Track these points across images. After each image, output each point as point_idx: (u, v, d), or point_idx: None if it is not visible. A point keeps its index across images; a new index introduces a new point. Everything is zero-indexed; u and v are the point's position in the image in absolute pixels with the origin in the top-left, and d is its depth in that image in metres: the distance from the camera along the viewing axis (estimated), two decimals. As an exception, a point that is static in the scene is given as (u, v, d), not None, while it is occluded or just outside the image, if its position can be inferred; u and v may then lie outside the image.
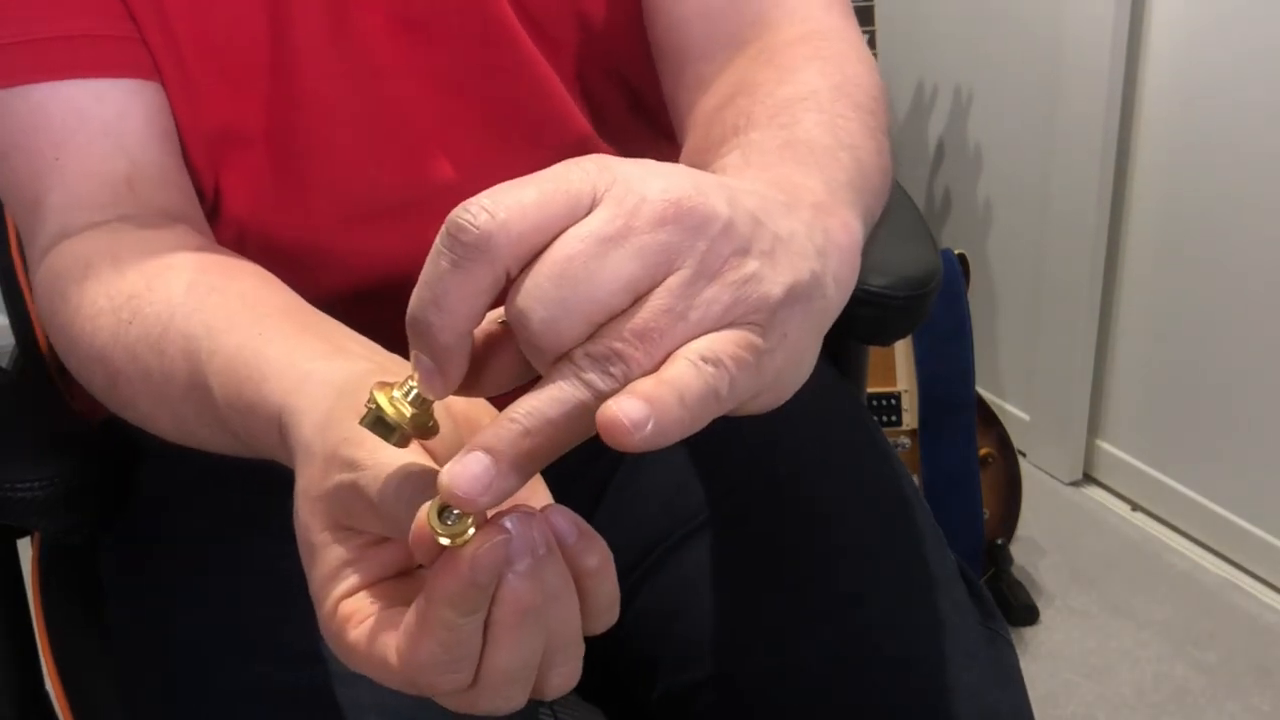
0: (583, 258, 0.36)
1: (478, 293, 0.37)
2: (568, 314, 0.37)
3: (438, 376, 0.39)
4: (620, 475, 0.76)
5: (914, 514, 0.74)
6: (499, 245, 0.37)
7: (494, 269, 0.37)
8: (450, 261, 0.37)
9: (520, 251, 0.37)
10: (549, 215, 0.37)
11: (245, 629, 0.65)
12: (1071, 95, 1.77)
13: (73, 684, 0.80)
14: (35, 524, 0.83)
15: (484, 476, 0.37)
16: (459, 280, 0.37)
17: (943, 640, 0.67)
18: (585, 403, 0.38)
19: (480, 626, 0.39)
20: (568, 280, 0.36)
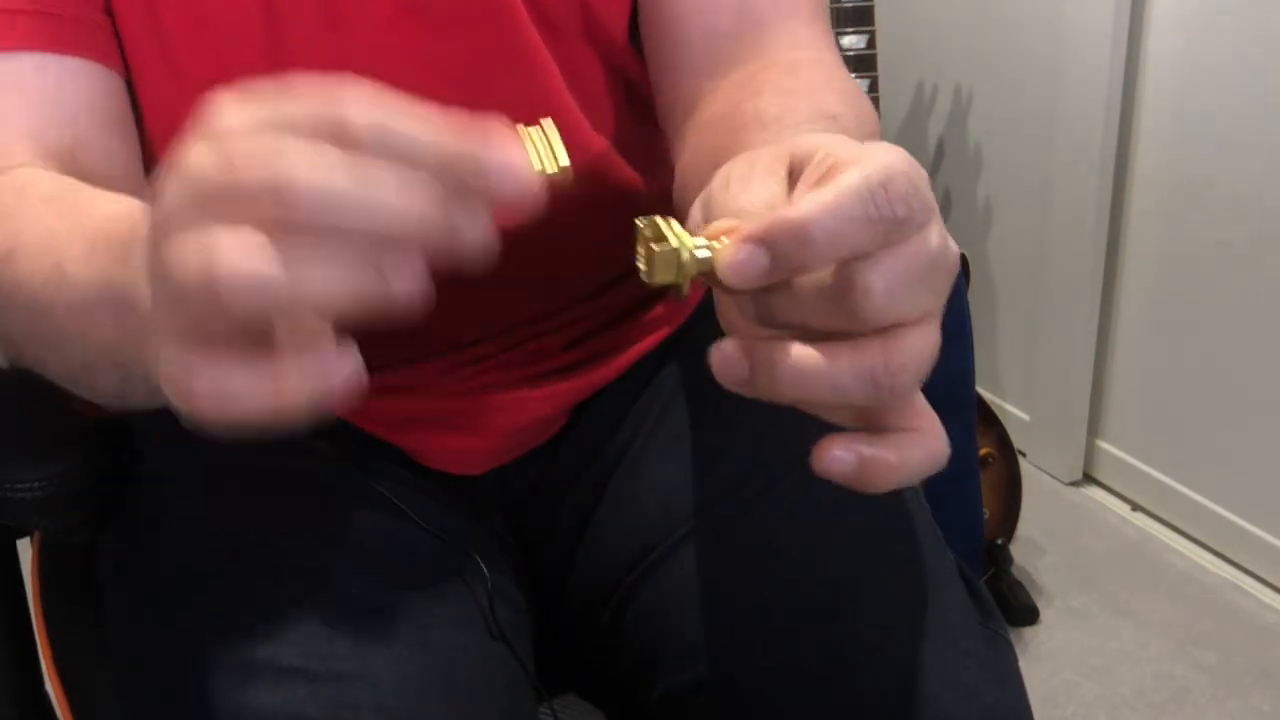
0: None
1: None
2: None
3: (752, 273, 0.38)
4: (620, 475, 0.76)
5: (913, 514, 0.74)
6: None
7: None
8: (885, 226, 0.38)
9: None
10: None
11: (244, 628, 0.65)
12: (1071, 95, 1.77)
13: (73, 684, 0.80)
14: (35, 524, 0.83)
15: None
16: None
17: (942, 640, 0.67)
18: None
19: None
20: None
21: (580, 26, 0.71)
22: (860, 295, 0.38)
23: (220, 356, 0.37)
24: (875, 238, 0.37)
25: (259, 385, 0.37)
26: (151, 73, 0.68)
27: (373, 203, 0.36)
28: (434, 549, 0.72)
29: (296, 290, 0.35)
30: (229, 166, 0.36)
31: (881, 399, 0.40)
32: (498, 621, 0.72)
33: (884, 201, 0.37)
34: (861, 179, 0.37)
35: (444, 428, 0.77)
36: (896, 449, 0.41)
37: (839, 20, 1.62)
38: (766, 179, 0.42)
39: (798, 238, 0.37)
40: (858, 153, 0.40)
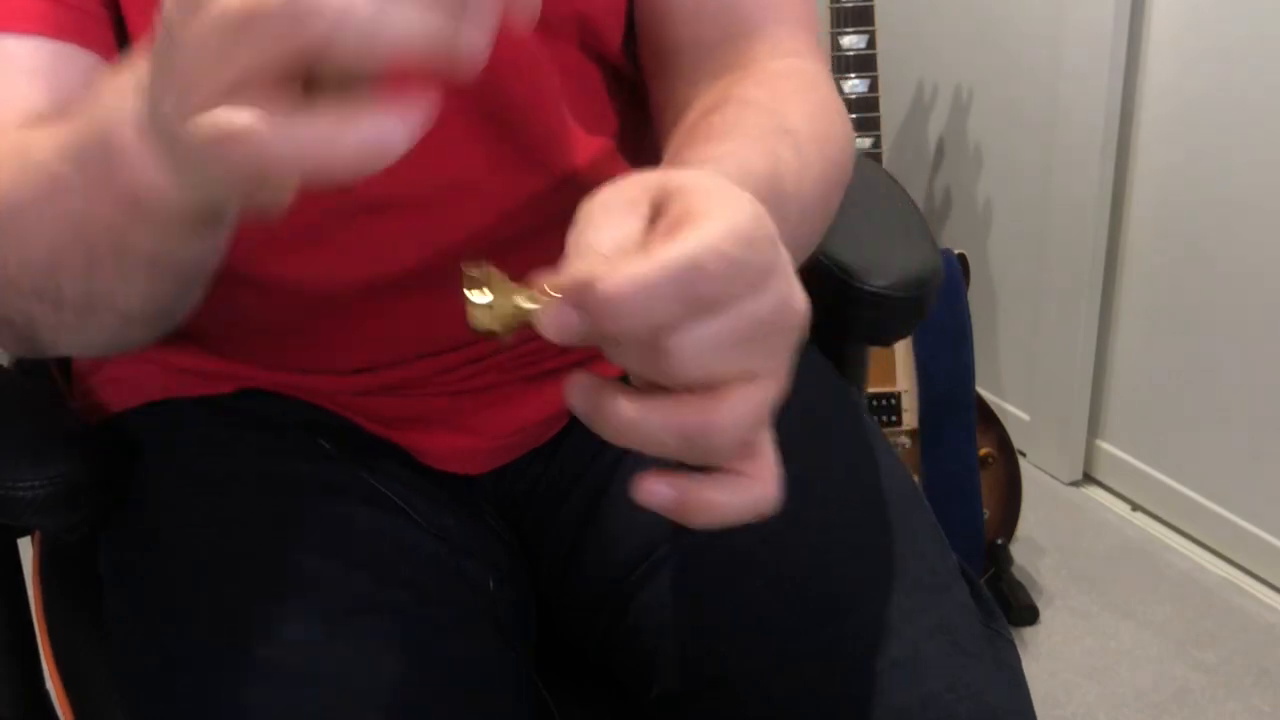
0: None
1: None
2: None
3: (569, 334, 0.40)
4: (620, 476, 0.76)
5: (914, 514, 0.74)
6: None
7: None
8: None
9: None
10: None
11: (244, 628, 0.65)
12: (1071, 95, 1.77)
13: (73, 684, 0.80)
14: (35, 523, 0.83)
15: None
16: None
17: (944, 641, 0.67)
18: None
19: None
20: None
21: (573, 29, 0.71)
22: (666, 359, 0.39)
23: (267, 102, 0.37)
24: (682, 313, 0.39)
25: (311, 131, 0.37)
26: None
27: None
28: (435, 549, 0.72)
29: (378, 24, 0.36)
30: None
31: (697, 456, 0.41)
32: (498, 621, 0.72)
33: (697, 280, 0.38)
34: (681, 257, 0.38)
35: (445, 427, 0.77)
36: (720, 490, 0.42)
37: (839, 20, 1.62)
38: (626, 215, 0.43)
39: (607, 308, 0.38)
40: (707, 206, 0.41)
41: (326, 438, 0.75)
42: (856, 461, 0.76)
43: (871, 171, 1.05)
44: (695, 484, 0.42)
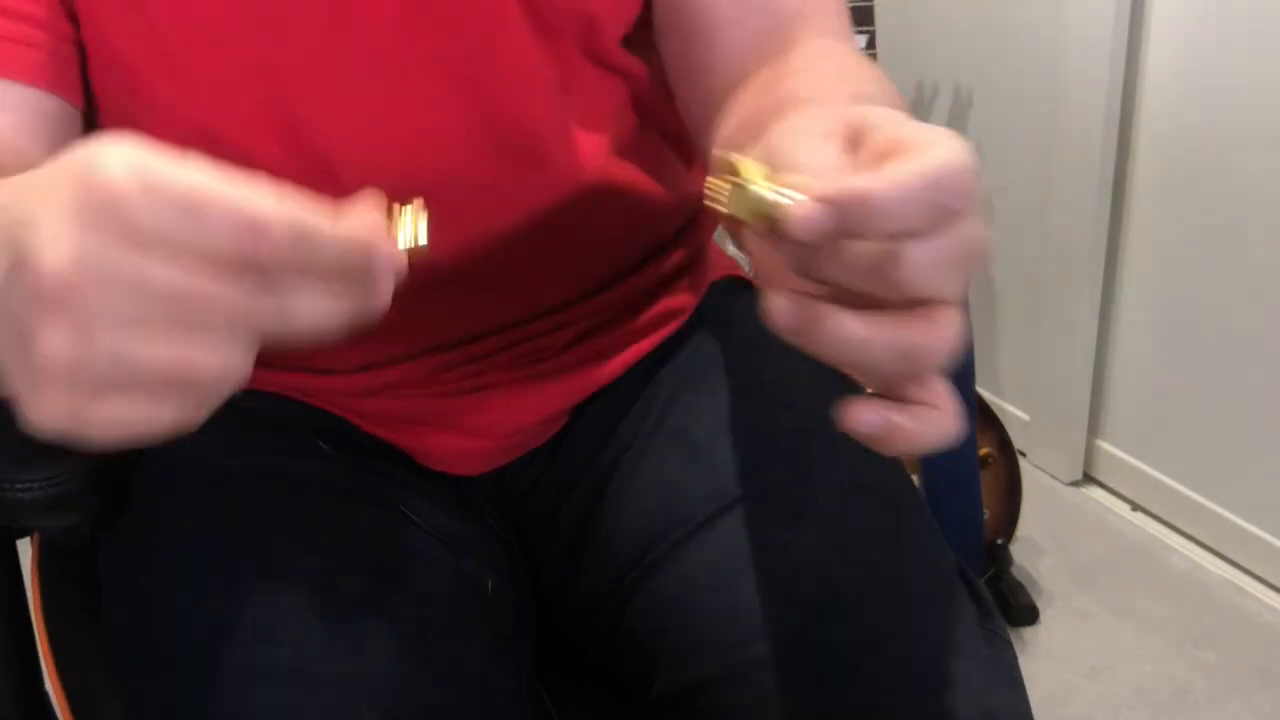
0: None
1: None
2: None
3: (816, 224, 0.40)
4: (620, 475, 0.76)
5: (912, 513, 0.74)
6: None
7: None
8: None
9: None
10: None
11: (244, 629, 0.65)
12: (1071, 95, 1.77)
13: (73, 684, 0.80)
14: (35, 524, 0.83)
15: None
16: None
17: (941, 640, 0.67)
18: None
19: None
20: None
21: (577, 31, 0.71)
22: (905, 268, 0.41)
23: (109, 396, 0.39)
24: (929, 221, 0.40)
25: (147, 414, 0.40)
26: (150, 74, 0.67)
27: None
28: (434, 550, 0.72)
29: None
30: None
31: (909, 372, 0.43)
32: (498, 622, 0.72)
33: (945, 191, 0.40)
34: (932, 166, 0.40)
35: (445, 428, 0.77)
36: (918, 420, 0.44)
37: (839, 20, 1.62)
38: (825, 142, 0.45)
39: (865, 208, 0.40)
40: (922, 136, 0.42)
41: (326, 439, 0.75)
42: (854, 461, 0.76)
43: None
44: (899, 414, 0.44)
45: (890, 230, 0.40)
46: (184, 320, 0.38)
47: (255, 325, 0.39)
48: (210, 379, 0.39)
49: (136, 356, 0.38)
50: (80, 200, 0.37)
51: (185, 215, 0.37)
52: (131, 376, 0.38)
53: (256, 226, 0.37)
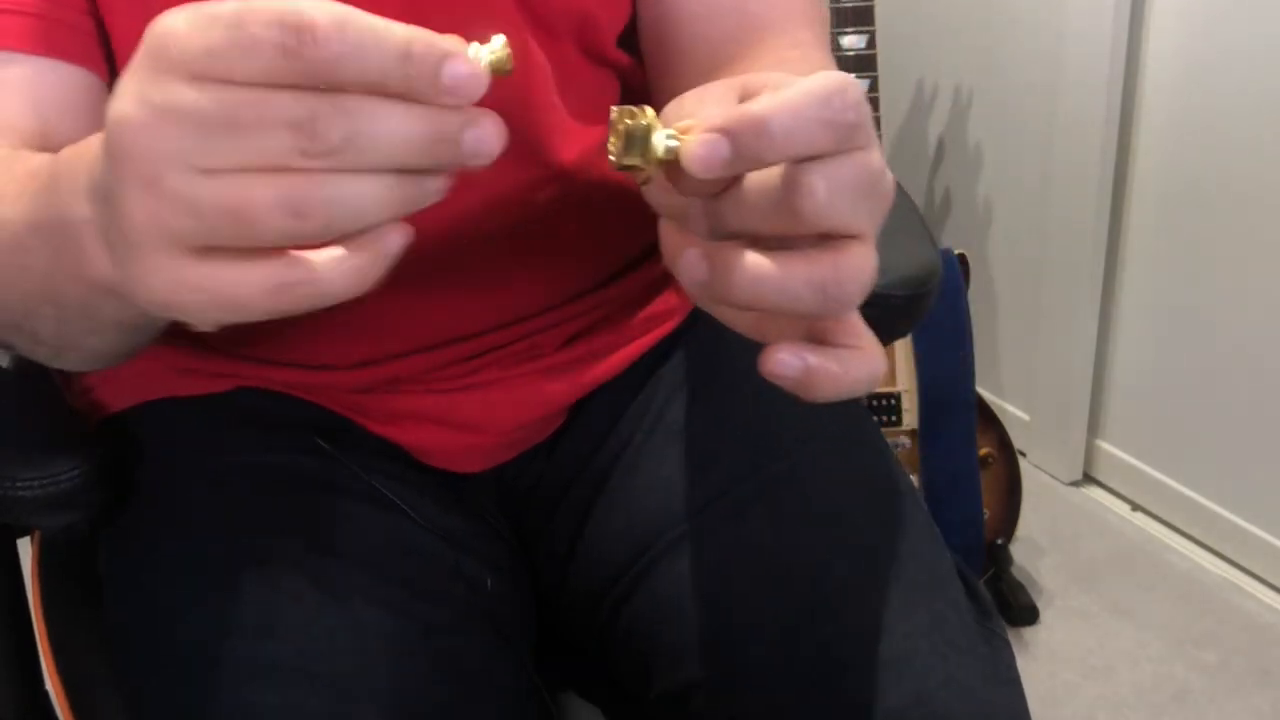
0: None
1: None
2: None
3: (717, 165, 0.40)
4: (617, 474, 0.77)
5: (911, 513, 0.74)
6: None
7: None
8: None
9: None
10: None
11: (244, 628, 0.65)
12: (1071, 95, 1.77)
13: (73, 684, 0.80)
14: (35, 523, 0.83)
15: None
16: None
17: (938, 639, 0.67)
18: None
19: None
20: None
21: (573, 28, 0.71)
22: (804, 194, 0.40)
23: (218, 259, 0.38)
24: (827, 140, 0.40)
25: (266, 280, 0.39)
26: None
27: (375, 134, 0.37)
28: (434, 547, 0.72)
29: (329, 223, 0.37)
30: (228, 106, 0.36)
31: (829, 308, 0.42)
32: (497, 620, 0.72)
33: (839, 106, 0.40)
34: (820, 84, 0.40)
35: (444, 425, 0.77)
36: (840, 362, 0.43)
37: (839, 20, 1.62)
38: (723, 95, 0.45)
39: (758, 131, 0.39)
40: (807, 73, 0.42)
41: (325, 436, 0.75)
42: (853, 461, 0.76)
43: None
44: (820, 357, 0.43)
45: (788, 151, 0.40)
46: (242, 142, 0.37)
47: (321, 148, 0.37)
48: (289, 224, 0.37)
49: (204, 197, 0.37)
50: (140, 55, 0.38)
51: (229, 30, 0.36)
52: (211, 225, 0.37)
53: (301, 19, 0.36)
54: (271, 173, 0.37)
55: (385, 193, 0.38)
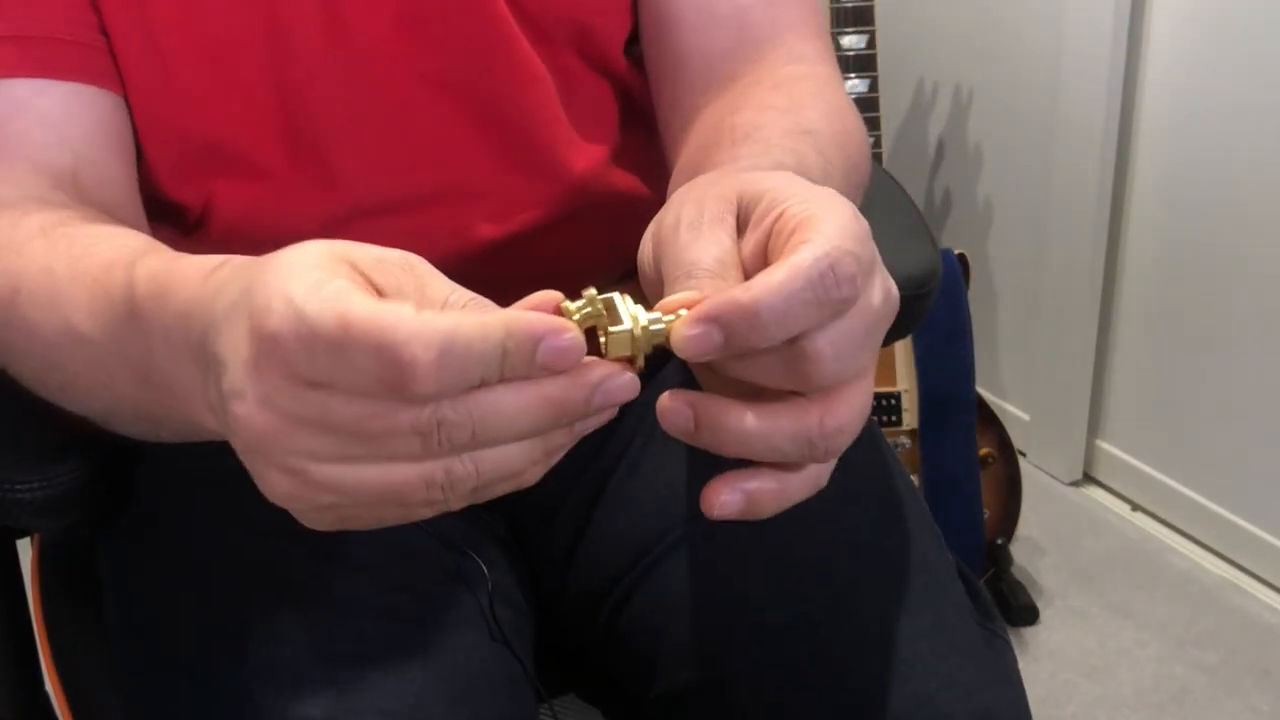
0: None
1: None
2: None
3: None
4: (617, 476, 0.76)
5: (911, 513, 0.74)
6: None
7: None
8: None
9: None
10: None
11: (244, 630, 0.65)
12: (1071, 95, 1.77)
13: (73, 684, 0.80)
14: (35, 524, 0.83)
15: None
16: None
17: (939, 640, 0.67)
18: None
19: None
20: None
21: (572, 39, 0.71)
22: (811, 362, 0.40)
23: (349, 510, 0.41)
24: (823, 317, 0.40)
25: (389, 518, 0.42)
26: (148, 89, 0.68)
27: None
28: (434, 550, 0.72)
29: (479, 487, 0.40)
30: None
31: (816, 459, 0.43)
32: (498, 622, 0.72)
33: (832, 284, 0.39)
34: (811, 262, 0.39)
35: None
36: (780, 481, 0.44)
37: (839, 20, 1.62)
38: (715, 229, 0.44)
39: (749, 320, 0.39)
40: (805, 210, 0.42)
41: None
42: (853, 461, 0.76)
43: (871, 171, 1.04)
44: (757, 480, 0.44)
45: (782, 335, 0.39)
46: (375, 446, 0.38)
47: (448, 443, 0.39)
48: (438, 495, 0.40)
49: (348, 481, 0.39)
50: (250, 352, 0.39)
51: (331, 355, 0.37)
52: (360, 501, 0.39)
53: (399, 357, 0.37)
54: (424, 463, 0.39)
55: (528, 449, 0.40)
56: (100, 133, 0.66)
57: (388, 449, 0.38)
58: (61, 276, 0.53)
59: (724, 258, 0.43)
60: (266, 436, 0.39)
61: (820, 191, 0.44)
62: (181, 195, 0.71)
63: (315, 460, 0.38)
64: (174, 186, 0.71)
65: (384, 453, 0.38)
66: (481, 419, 0.38)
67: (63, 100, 0.64)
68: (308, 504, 0.40)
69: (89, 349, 0.52)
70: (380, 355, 0.37)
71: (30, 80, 0.64)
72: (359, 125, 0.70)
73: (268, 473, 0.40)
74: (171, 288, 0.47)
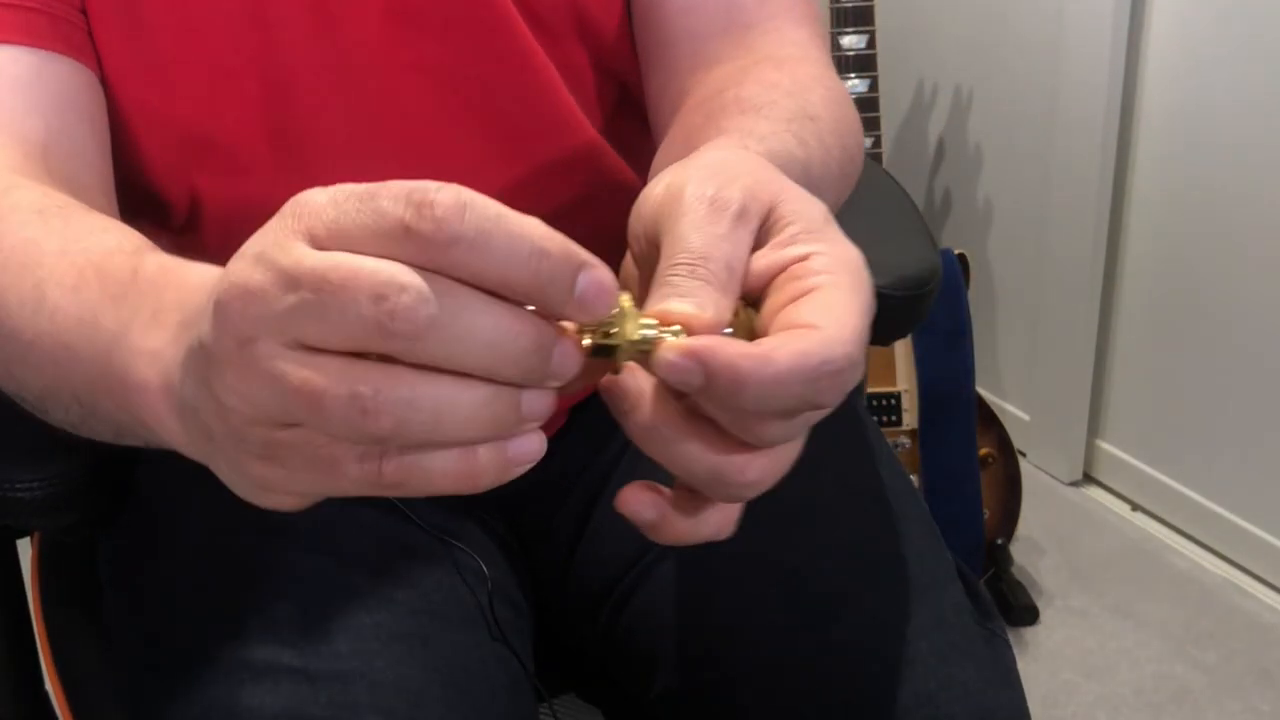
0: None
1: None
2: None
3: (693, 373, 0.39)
4: (619, 475, 0.77)
5: (911, 514, 0.74)
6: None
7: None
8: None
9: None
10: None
11: (244, 628, 0.65)
12: (1071, 95, 1.77)
13: (72, 684, 0.80)
14: (35, 524, 0.83)
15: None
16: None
17: (939, 640, 0.67)
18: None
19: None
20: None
21: (572, 26, 0.71)
22: (763, 427, 0.40)
23: (297, 469, 0.39)
24: (799, 405, 0.39)
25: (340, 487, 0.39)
26: (133, 77, 0.67)
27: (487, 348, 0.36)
28: (434, 549, 0.72)
29: (399, 426, 0.36)
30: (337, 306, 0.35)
31: (720, 498, 0.42)
32: (497, 621, 0.72)
33: (825, 389, 0.39)
34: (817, 364, 0.38)
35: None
36: (694, 522, 0.43)
37: (839, 20, 1.62)
38: (738, 226, 0.42)
39: (735, 386, 0.38)
40: (830, 278, 0.41)
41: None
42: (854, 461, 0.76)
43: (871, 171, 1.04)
44: (675, 510, 0.43)
45: (757, 410, 0.39)
46: (334, 322, 0.35)
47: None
48: (357, 419, 0.36)
49: (288, 373, 0.36)
50: (274, 219, 0.38)
51: (361, 200, 0.36)
52: (288, 405, 0.36)
53: (425, 195, 0.35)
54: (354, 364, 0.35)
55: (470, 404, 0.36)
56: (72, 105, 0.65)
57: (342, 319, 0.35)
58: (48, 250, 0.52)
59: (734, 264, 0.41)
60: (239, 291, 0.36)
61: (848, 254, 0.42)
62: (167, 191, 0.71)
63: (270, 333, 0.36)
64: (159, 182, 0.71)
65: (335, 324, 0.35)
66: (447, 307, 0.35)
67: (36, 67, 0.64)
68: (241, 400, 0.37)
69: (54, 318, 0.50)
70: (409, 194, 0.35)
71: (6, 46, 0.63)
72: (346, 116, 0.69)
73: (224, 347, 0.37)
74: (184, 273, 0.46)
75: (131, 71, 0.67)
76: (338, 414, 0.35)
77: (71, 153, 0.64)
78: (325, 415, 0.36)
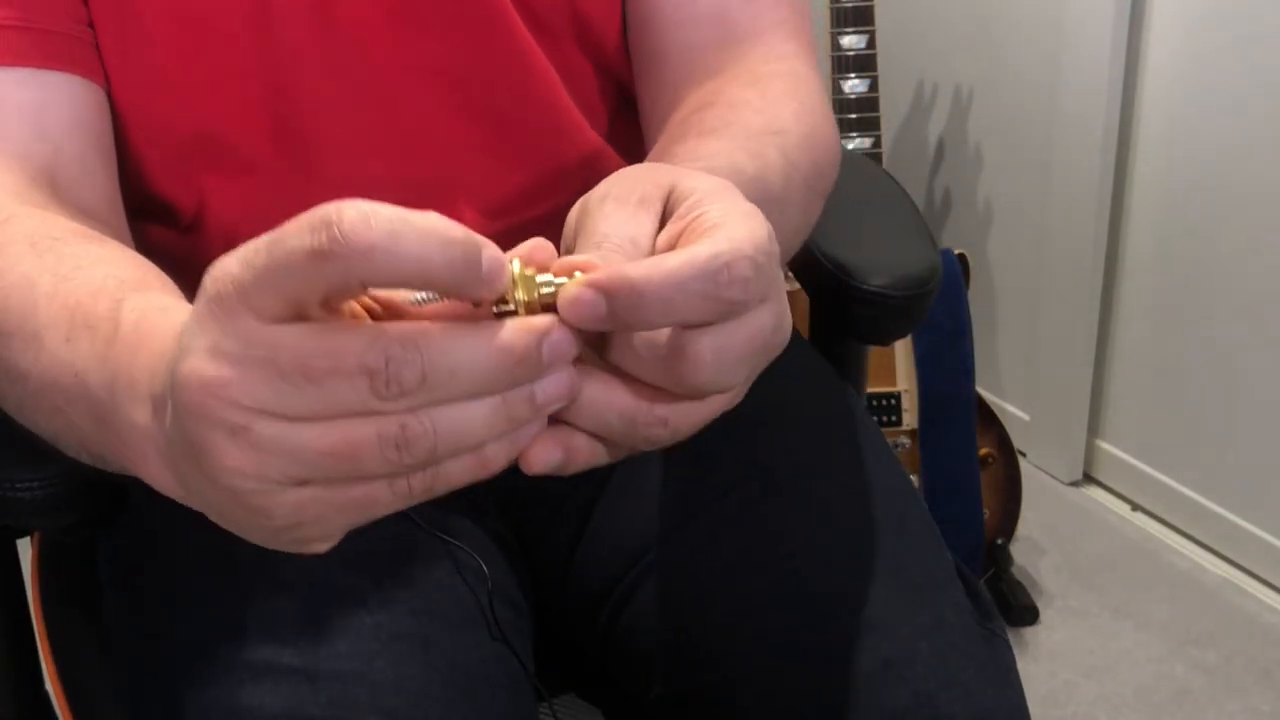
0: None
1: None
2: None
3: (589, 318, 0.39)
4: (617, 477, 0.76)
5: (911, 514, 0.74)
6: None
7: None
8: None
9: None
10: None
11: (244, 629, 0.65)
12: (1071, 95, 1.77)
13: (72, 684, 0.80)
14: (35, 524, 0.83)
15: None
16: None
17: (939, 640, 0.67)
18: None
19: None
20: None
21: (571, 29, 0.71)
22: (690, 363, 0.40)
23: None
24: (709, 313, 0.39)
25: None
26: (135, 80, 0.67)
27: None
28: (434, 549, 0.72)
29: (435, 450, 0.38)
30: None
31: (633, 444, 0.43)
32: (498, 621, 0.72)
33: (724, 282, 0.39)
34: (707, 256, 0.39)
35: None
36: (591, 445, 0.43)
37: (839, 20, 1.62)
38: (640, 211, 0.44)
39: (633, 297, 0.38)
40: (722, 215, 0.41)
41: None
42: (854, 461, 0.76)
43: (871, 171, 1.05)
44: (576, 436, 0.43)
45: (664, 320, 0.39)
46: (322, 391, 0.37)
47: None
48: (394, 455, 0.37)
49: (304, 442, 0.37)
50: (200, 305, 0.38)
51: (269, 248, 0.36)
52: (314, 467, 0.37)
53: (327, 214, 0.36)
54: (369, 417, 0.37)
55: (485, 415, 0.38)
56: (80, 127, 0.65)
57: (336, 396, 0.36)
58: (42, 291, 0.52)
59: (638, 239, 0.42)
60: (212, 386, 0.36)
61: (747, 206, 0.43)
62: (173, 193, 0.71)
63: (261, 415, 0.36)
64: (165, 184, 0.71)
65: (331, 400, 0.36)
66: (430, 359, 0.36)
67: (44, 91, 0.64)
68: (258, 480, 0.37)
69: (49, 367, 0.50)
70: (311, 220, 0.35)
71: (9, 70, 0.63)
72: (348, 115, 0.69)
73: (214, 439, 0.37)
74: (154, 326, 0.46)
75: (136, 76, 0.67)
76: (373, 457, 0.37)
77: (79, 175, 0.65)
78: (360, 462, 0.37)
